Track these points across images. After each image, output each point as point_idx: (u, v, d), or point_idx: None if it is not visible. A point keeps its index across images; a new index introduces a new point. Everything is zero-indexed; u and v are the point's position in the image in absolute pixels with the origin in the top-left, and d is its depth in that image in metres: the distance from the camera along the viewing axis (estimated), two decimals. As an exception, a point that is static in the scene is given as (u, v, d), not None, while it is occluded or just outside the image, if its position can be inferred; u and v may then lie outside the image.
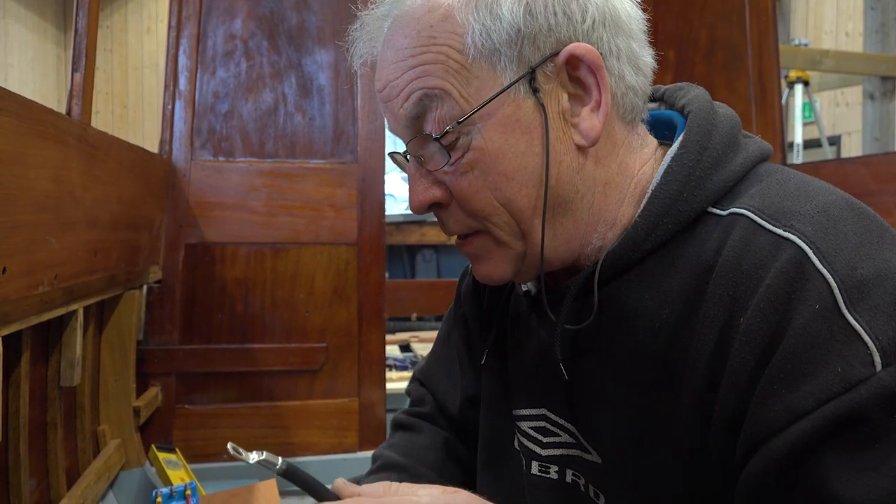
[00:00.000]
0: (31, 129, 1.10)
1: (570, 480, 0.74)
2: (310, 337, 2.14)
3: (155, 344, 2.02)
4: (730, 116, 0.69)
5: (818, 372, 0.52)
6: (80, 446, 1.61)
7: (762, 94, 2.33)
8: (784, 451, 0.53)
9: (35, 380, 1.37)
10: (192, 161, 2.10)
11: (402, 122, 0.67)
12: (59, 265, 1.24)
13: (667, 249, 0.64)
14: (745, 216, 0.60)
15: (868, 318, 0.52)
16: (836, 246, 0.55)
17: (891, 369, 0.50)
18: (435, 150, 0.66)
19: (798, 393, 0.53)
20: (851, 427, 0.51)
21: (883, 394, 0.50)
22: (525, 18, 0.63)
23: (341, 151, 2.19)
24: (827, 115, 6.82)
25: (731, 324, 0.57)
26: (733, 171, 0.64)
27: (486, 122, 0.63)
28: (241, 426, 2.08)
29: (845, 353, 0.51)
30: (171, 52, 2.10)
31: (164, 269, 2.05)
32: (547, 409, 0.76)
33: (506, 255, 0.68)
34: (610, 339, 0.67)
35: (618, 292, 0.66)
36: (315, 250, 2.15)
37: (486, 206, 0.65)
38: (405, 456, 0.93)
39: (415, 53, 0.64)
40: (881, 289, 0.53)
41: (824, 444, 0.52)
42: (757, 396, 0.55)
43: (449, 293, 3.49)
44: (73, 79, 1.45)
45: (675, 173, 0.64)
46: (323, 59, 2.19)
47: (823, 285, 0.53)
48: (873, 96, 4.75)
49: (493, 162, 0.64)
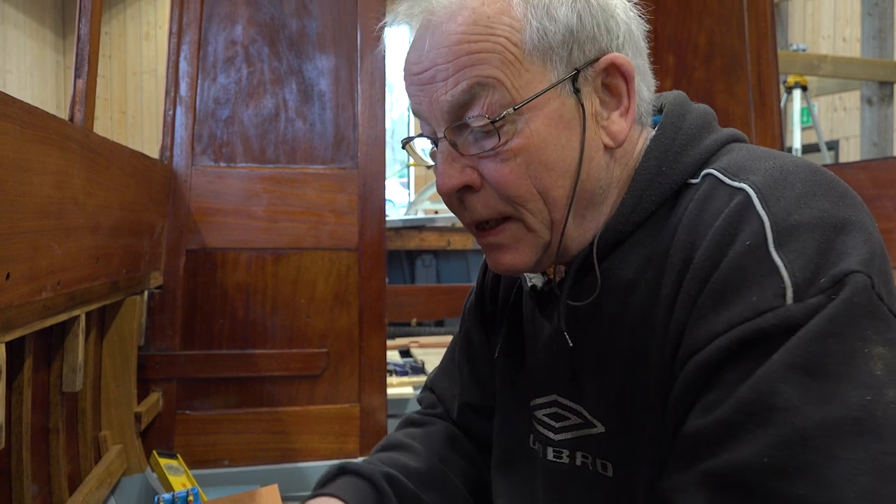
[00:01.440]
0: (34, 136, 1.10)
1: (580, 463, 0.78)
2: (311, 342, 2.14)
3: (156, 349, 2.02)
4: (704, 108, 0.76)
5: (737, 300, 0.58)
6: (82, 452, 1.61)
7: (761, 99, 2.34)
8: (696, 370, 0.60)
9: (37, 385, 1.37)
10: (193, 167, 2.11)
11: (443, 107, 0.69)
12: (62, 271, 1.24)
13: (653, 220, 0.70)
14: (711, 174, 0.67)
15: (791, 257, 0.57)
16: (780, 193, 0.60)
17: (800, 304, 0.55)
18: (475, 136, 0.69)
19: (719, 318, 0.59)
20: (751, 350, 0.56)
21: (787, 323, 0.55)
22: (577, 24, 0.69)
23: (342, 157, 2.19)
24: (825, 120, 6.84)
25: (686, 266, 0.63)
26: (707, 146, 0.71)
27: (534, 113, 0.68)
28: (242, 432, 2.08)
29: (764, 284, 0.57)
30: (171, 59, 2.11)
31: (165, 275, 2.05)
32: (557, 394, 0.80)
33: (533, 243, 0.72)
34: (606, 309, 0.72)
35: (614, 265, 0.72)
36: (316, 256, 2.15)
37: (525, 193, 0.69)
38: (411, 438, 0.98)
39: (471, 40, 0.67)
40: (810, 234, 0.58)
41: (728, 362, 0.58)
42: (689, 324, 0.62)
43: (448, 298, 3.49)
44: (75, 85, 1.45)
45: (654, 151, 0.71)
46: (323, 65, 2.20)
47: (758, 224, 0.59)
48: (871, 101, 4.77)
49: (536, 151, 0.68)
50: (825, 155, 5.40)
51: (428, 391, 1.09)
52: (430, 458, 0.94)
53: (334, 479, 0.87)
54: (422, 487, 0.89)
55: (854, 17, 6.25)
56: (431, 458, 0.94)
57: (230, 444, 2.06)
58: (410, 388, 2.79)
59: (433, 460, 0.94)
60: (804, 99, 5.10)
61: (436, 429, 1.00)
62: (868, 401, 0.54)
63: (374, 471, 0.87)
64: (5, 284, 1.01)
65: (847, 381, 0.54)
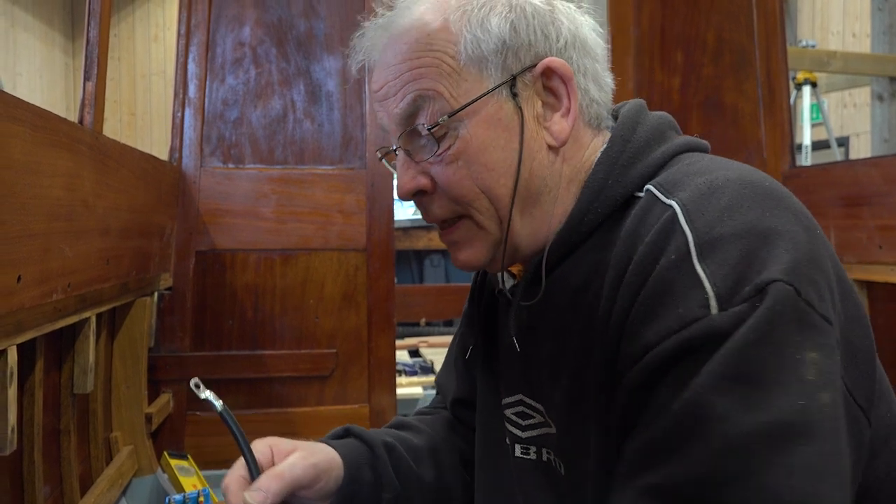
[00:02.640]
0: (45, 139, 1.10)
1: (546, 459, 0.82)
2: (320, 343, 2.14)
3: (166, 351, 2.03)
4: (660, 117, 0.79)
5: (665, 312, 0.60)
6: (93, 453, 1.62)
7: (770, 96, 2.33)
8: (631, 383, 0.62)
9: (48, 387, 1.37)
10: (202, 168, 2.11)
11: (395, 119, 0.76)
12: (72, 273, 1.25)
13: (602, 231, 0.73)
14: (650, 191, 0.70)
15: (714, 269, 0.59)
16: (704, 208, 0.63)
17: (725, 313, 0.57)
18: (424, 143, 0.75)
19: (649, 331, 0.61)
20: (680, 361, 0.58)
21: (712, 333, 0.57)
22: (510, 34, 0.74)
23: (350, 157, 2.19)
24: (835, 117, 6.80)
25: (620, 280, 0.66)
26: (654, 159, 0.73)
27: (471, 118, 0.73)
28: (252, 432, 2.05)
29: (688, 296, 0.59)
30: (180, 60, 2.11)
31: (174, 277, 2.05)
32: (523, 394, 0.84)
33: (485, 239, 0.77)
34: (559, 316, 0.76)
35: (564, 273, 0.75)
36: (324, 256, 2.15)
37: (469, 193, 0.74)
38: (417, 420, 1.04)
39: (412, 58, 0.74)
40: (732, 245, 0.59)
41: (662, 376, 0.59)
42: (625, 336, 0.64)
43: (457, 298, 3.49)
44: (85, 87, 1.46)
45: (603, 163, 0.74)
46: (331, 66, 2.20)
47: (682, 239, 0.61)
48: (881, 97, 4.74)
49: (476, 153, 0.73)
50: (836, 151, 5.37)
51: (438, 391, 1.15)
52: (431, 437, 1.00)
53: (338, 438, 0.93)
54: (417, 460, 0.94)
55: (864, 12, 6.21)
56: (432, 436, 1.00)
57: (240, 445, 2.07)
58: (420, 387, 2.79)
59: (434, 439, 1.00)
60: (814, 95, 5.07)
61: (440, 416, 1.06)
62: (801, 405, 0.55)
63: (375, 438, 0.92)
64: (16, 287, 1.01)
65: (778, 387, 0.55)
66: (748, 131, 2.30)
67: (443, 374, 1.12)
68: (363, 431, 0.93)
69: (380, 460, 0.89)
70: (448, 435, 1.02)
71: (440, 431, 1.02)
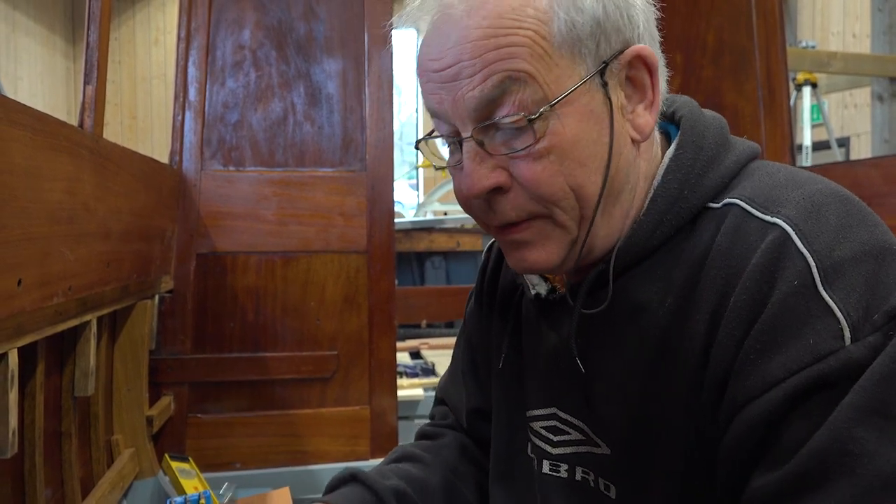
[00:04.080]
0: (45, 143, 1.11)
1: (580, 478, 0.76)
2: (321, 345, 2.14)
3: (167, 353, 2.03)
4: (718, 119, 0.74)
5: (792, 343, 0.56)
6: (95, 456, 1.62)
7: (770, 97, 2.33)
8: (756, 418, 0.58)
9: (49, 390, 1.37)
10: (203, 171, 2.11)
11: (470, 104, 0.65)
12: (73, 276, 1.25)
13: (671, 244, 0.68)
14: (737, 205, 0.65)
15: (842, 296, 0.56)
16: (818, 229, 0.59)
17: (859, 344, 0.54)
18: (507, 135, 0.66)
19: (773, 363, 0.57)
20: (815, 396, 0.55)
21: (850, 365, 0.54)
22: (602, 15, 0.66)
23: (350, 160, 2.19)
24: (835, 117, 6.79)
25: (723, 303, 0.61)
26: (728, 168, 0.69)
27: (566, 109, 0.65)
28: (254, 435, 2.08)
29: (818, 327, 0.55)
30: (180, 64, 2.12)
31: (175, 279, 2.06)
32: (557, 408, 0.79)
33: (561, 239, 0.69)
34: (620, 331, 0.70)
35: (627, 286, 0.70)
36: (325, 258, 2.15)
37: (559, 191, 0.66)
38: (423, 450, 0.96)
39: (499, 34, 0.63)
40: (856, 270, 0.57)
41: (794, 410, 0.56)
42: (737, 367, 0.59)
43: (458, 299, 3.49)
44: (85, 91, 1.46)
45: (675, 172, 0.69)
46: (331, 68, 2.20)
47: (803, 264, 0.57)
48: (882, 98, 4.74)
49: (570, 148, 0.65)
50: (836, 152, 5.37)
51: (439, 403, 1.08)
52: (442, 471, 0.93)
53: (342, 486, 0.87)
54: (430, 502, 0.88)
55: (864, 12, 6.21)
56: (443, 470, 0.93)
57: (242, 447, 2.07)
58: (421, 389, 2.79)
59: (444, 472, 0.93)
60: (814, 96, 5.07)
61: (447, 440, 0.99)
62: None
63: (382, 484, 0.86)
64: (17, 291, 1.01)
65: None
66: (748, 132, 2.30)
67: (449, 385, 1.05)
68: (369, 477, 0.86)
69: None
70: (461, 465, 0.95)
71: (451, 461, 0.95)
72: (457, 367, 1.04)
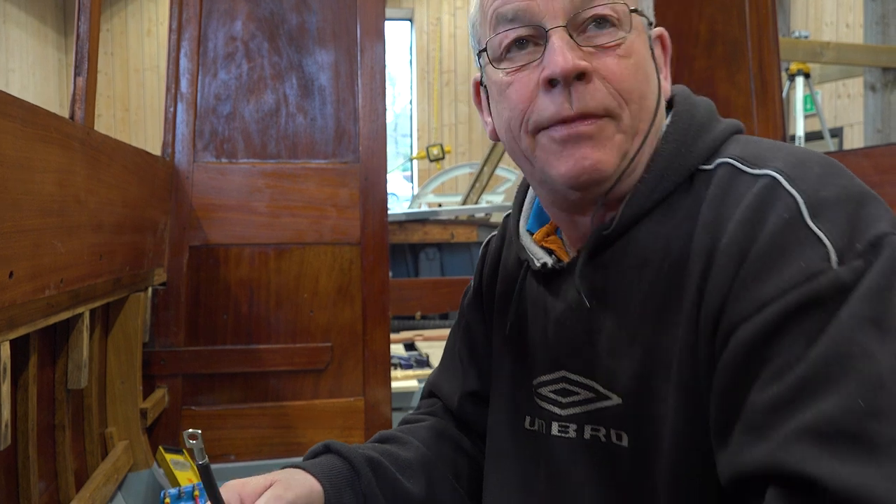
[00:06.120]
0: (36, 135, 1.10)
1: (589, 436, 0.79)
2: (314, 337, 2.14)
3: (161, 346, 2.03)
4: (707, 100, 0.82)
5: (784, 267, 0.61)
6: (89, 448, 1.62)
7: (763, 88, 2.33)
8: (750, 336, 0.62)
9: (43, 383, 1.38)
10: (195, 163, 2.11)
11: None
12: (65, 269, 1.25)
13: (671, 201, 0.74)
14: (728, 163, 0.71)
15: (827, 227, 0.61)
16: (804, 174, 0.66)
17: (846, 266, 0.60)
18: (594, 32, 0.73)
19: (766, 285, 0.62)
20: (808, 312, 0.59)
21: (838, 284, 0.59)
22: None
23: (343, 151, 2.19)
24: (828, 107, 6.80)
25: (715, 245, 0.67)
26: (718, 134, 0.76)
27: (635, 32, 0.75)
28: (248, 427, 2.09)
29: (808, 252, 0.61)
30: (172, 55, 2.11)
31: (168, 272, 2.05)
32: (566, 370, 0.82)
33: (620, 146, 0.74)
34: (626, 285, 0.75)
35: (632, 242, 0.75)
36: (319, 250, 2.15)
37: (635, 90, 0.73)
38: (402, 432, 0.99)
39: None
40: (838, 207, 0.63)
41: (788, 328, 0.60)
42: (732, 296, 0.64)
43: (452, 291, 3.48)
44: (75, 83, 1.46)
45: (672, 135, 0.76)
46: (324, 60, 2.20)
47: (791, 200, 0.64)
48: (874, 87, 4.75)
49: (641, 61, 0.75)
50: (829, 142, 5.38)
51: (426, 395, 1.10)
52: (419, 448, 0.95)
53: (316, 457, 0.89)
54: (405, 473, 0.90)
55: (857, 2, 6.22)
56: (419, 447, 0.96)
57: (236, 440, 2.07)
58: (415, 381, 2.80)
59: (421, 450, 0.95)
60: (807, 86, 5.08)
61: (426, 424, 1.01)
62: None
63: (356, 453, 0.88)
64: (8, 283, 1.01)
65: None
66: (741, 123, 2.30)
67: (439, 376, 1.07)
68: (344, 448, 0.88)
69: (363, 479, 0.86)
70: (438, 445, 0.98)
71: (428, 441, 0.98)
72: (451, 358, 1.06)
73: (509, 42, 0.76)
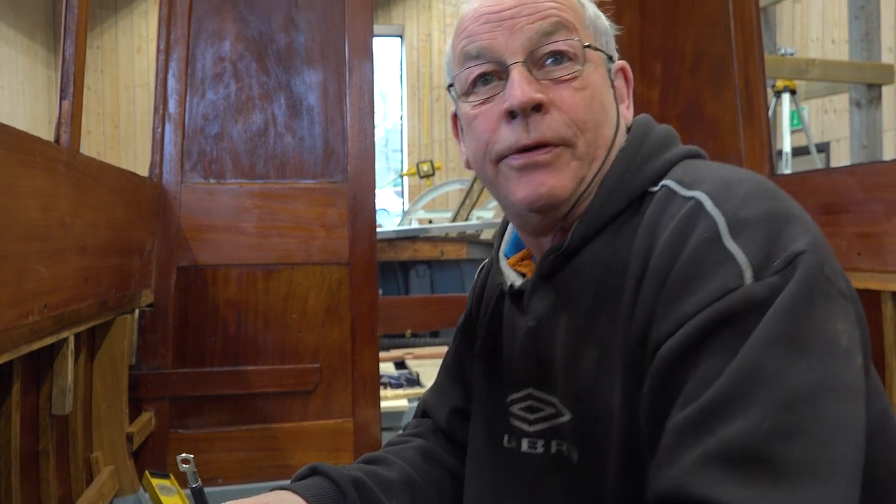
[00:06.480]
0: (19, 160, 1.10)
1: (555, 451, 0.82)
2: (303, 358, 2.13)
3: (147, 368, 2.01)
4: (667, 129, 0.85)
5: (700, 287, 0.63)
6: (74, 474, 1.60)
7: (749, 106, 2.35)
8: (669, 354, 0.63)
9: (26, 409, 1.36)
10: (183, 183, 2.10)
11: (526, 34, 0.78)
12: (49, 293, 1.24)
13: (618, 223, 0.77)
14: (667, 185, 0.75)
15: (744, 245, 0.63)
16: (728, 195, 0.68)
17: (759, 283, 0.61)
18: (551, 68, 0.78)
19: (685, 304, 0.64)
20: (723, 329, 0.61)
21: (751, 301, 0.60)
22: (606, 27, 0.85)
23: (332, 171, 2.19)
24: (815, 123, 6.86)
25: (645, 267, 0.69)
26: (665, 160, 0.79)
27: (591, 65, 0.80)
28: (236, 449, 2.07)
29: (723, 271, 0.62)
30: (160, 76, 2.11)
31: (155, 293, 2.04)
32: (532, 387, 0.85)
33: (575, 173, 0.78)
34: (574, 302, 0.79)
35: (581, 261, 0.79)
36: (307, 270, 2.15)
37: (590, 121, 0.78)
38: (387, 453, 1.01)
39: None
40: (758, 226, 0.64)
41: (704, 346, 0.61)
42: (657, 314, 0.67)
43: (443, 308, 3.47)
44: (61, 106, 1.45)
45: (621, 160, 0.80)
46: (312, 80, 2.20)
47: (710, 221, 0.66)
48: (859, 104, 4.79)
49: (598, 93, 0.79)
50: (815, 158, 5.42)
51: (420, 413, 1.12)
52: (402, 468, 0.97)
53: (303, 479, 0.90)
54: (388, 493, 0.92)
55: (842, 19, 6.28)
56: (404, 467, 0.97)
57: (224, 463, 2.05)
58: (405, 400, 2.79)
59: (405, 470, 0.97)
60: (793, 102, 5.13)
61: (412, 444, 1.04)
62: (842, 367, 0.59)
63: (341, 474, 0.89)
64: (-10, 310, 1.00)
65: (822, 351, 0.59)
66: (727, 141, 2.32)
67: (431, 395, 1.10)
68: (330, 469, 0.90)
69: (349, 499, 0.87)
70: (423, 465, 1.00)
71: (414, 462, 0.99)
72: (444, 377, 1.09)
73: (475, 77, 0.81)
